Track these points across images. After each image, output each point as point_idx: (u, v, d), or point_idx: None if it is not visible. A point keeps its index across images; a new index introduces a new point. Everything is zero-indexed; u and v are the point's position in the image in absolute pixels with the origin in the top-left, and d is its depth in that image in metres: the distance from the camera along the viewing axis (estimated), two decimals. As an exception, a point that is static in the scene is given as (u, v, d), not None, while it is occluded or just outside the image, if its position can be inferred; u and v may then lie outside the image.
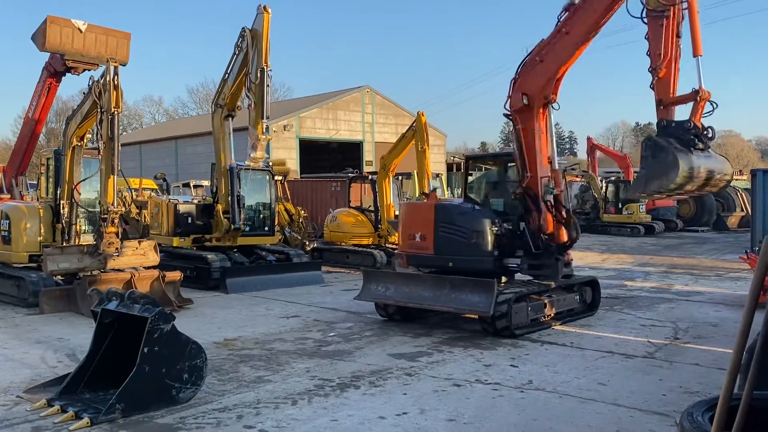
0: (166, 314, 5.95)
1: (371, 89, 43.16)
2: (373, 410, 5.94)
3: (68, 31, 13.34)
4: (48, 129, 57.90)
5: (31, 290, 11.17)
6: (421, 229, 9.98)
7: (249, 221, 14.82)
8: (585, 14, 8.60)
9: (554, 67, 9.04)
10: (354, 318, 10.48)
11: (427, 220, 9.91)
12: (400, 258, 10.48)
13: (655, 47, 8.11)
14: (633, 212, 28.98)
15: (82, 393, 6.16)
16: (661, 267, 17.48)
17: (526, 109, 9.27)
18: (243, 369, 7.37)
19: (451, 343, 8.71)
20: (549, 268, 9.49)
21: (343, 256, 17.87)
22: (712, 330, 9.50)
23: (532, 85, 9.19)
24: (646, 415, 5.82)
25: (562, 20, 8.86)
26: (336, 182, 24.80)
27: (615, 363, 7.65)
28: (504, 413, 5.87)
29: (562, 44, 8.88)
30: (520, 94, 9.21)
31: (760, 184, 13.24)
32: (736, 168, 53.40)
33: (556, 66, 9.04)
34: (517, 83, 9.33)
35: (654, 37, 8.14)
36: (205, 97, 67.99)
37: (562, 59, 9.00)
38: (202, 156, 36.97)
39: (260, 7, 12.70)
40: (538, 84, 9.17)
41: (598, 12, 8.51)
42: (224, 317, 10.63)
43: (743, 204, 32.65)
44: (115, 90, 10.20)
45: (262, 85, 12.14)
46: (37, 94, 16.26)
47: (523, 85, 9.26)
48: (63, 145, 11.97)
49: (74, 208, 11.88)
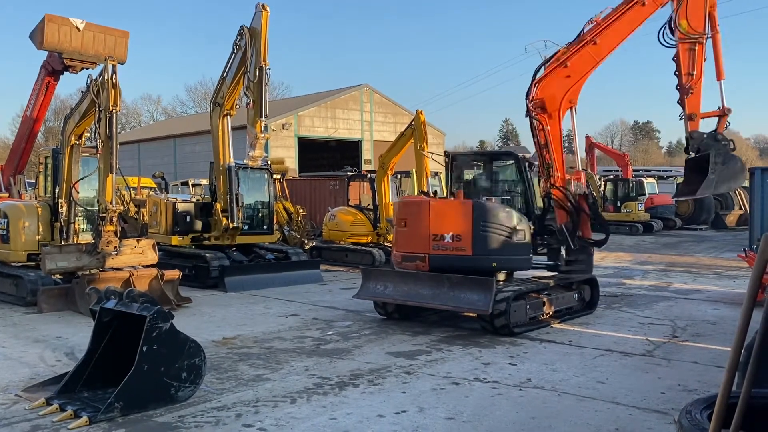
0: (164, 313, 5.94)
1: (370, 88, 43.15)
2: (371, 409, 5.94)
3: (66, 30, 13.31)
4: (46, 128, 57.86)
5: (29, 289, 11.16)
6: (453, 228, 9.33)
7: (248, 220, 14.79)
8: (620, 26, 9.43)
9: (579, 73, 9.66)
10: (353, 316, 10.48)
11: (464, 220, 9.40)
12: (418, 260, 9.58)
13: (687, 68, 9.29)
14: (632, 210, 29.03)
15: (80, 392, 6.16)
16: (659, 265, 17.50)
17: (553, 112, 9.79)
18: (242, 367, 7.37)
19: (450, 341, 8.71)
20: (583, 263, 10.26)
21: (341, 255, 17.88)
22: (711, 328, 9.52)
23: (558, 89, 9.72)
24: (644, 413, 5.83)
25: (589, 31, 9.52)
26: (335, 181, 24.80)
27: (614, 361, 7.66)
28: (503, 411, 5.88)
29: (589, 53, 9.64)
30: (547, 98, 9.70)
31: (759, 183, 13.21)
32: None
33: (581, 72, 9.67)
34: (543, 87, 9.76)
35: (684, 58, 9.29)
36: (204, 95, 67.94)
37: (587, 66, 9.68)
38: (200, 155, 36.96)
39: (259, 6, 12.68)
40: (564, 88, 9.74)
41: (632, 27, 9.52)
42: (223, 316, 10.63)
43: (741, 202, 32.66)
44: (113, 88, 10.18)
45: (260, 84, 12.12)
46: (35, 92, 16.22)
47: (549, 89, 9.72)
48: (61, 143, 11.96)
49: (73, 207, 11.86)
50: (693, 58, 9.27)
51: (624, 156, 34.18)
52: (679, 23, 9.15)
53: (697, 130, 9.39)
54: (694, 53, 9.27)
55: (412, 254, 9.63)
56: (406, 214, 9.86)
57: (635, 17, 9.46)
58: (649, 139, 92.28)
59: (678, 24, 9.18)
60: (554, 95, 9.73)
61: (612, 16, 9.51)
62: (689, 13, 9.18)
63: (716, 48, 9.33)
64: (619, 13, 9.48)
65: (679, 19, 9.14)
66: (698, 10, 9.19)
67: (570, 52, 9.63)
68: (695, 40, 9.25)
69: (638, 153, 78.32)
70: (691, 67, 9.29)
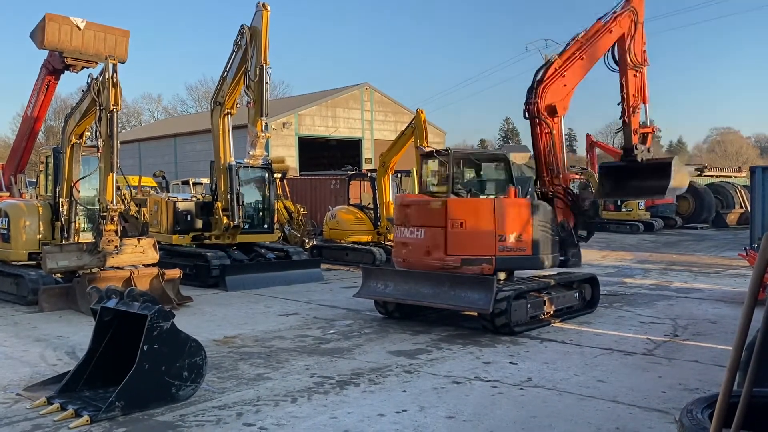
0: (165, 312, 5.94)
1: (370, 87, 43.16)
2: (372, 408, 5.94)
3: (67, 29, 13.32)
4: (47, 127, 57.88)
5: (30, 288, 11.17)
6: (516, 228, 9.39)
7: (248, 219, 14.80)
8: (596, 50, 10.83)
9: (573, 82, 10.67)
10: (353, 315, 10.48)
11: (525, 219, 9.50)
12: (484, 263, 9.28)
13: (633, 90, 11.07)
14: (632, 209, 29.01)
15: (81, 391, 6.16)
16: (660, 264, 17.50)
17: (559, 117, 10.50)
18: (243, 366, 7.37)
19: (451, 340, 8.71)
20: (576, 256, 10.76)
21: (342, 254, 17.88)
22: (712, 327, 9.51)
23: (560, 95, 10.50)
24: (645, 412, 5.83)
25: (575, 48, 10.61)
26: (335, 180, 24.80)
27: (614, 360, 7.66)
28: (503, 410, 5.88)
29: (578, 66, 10.67)
30: (556, 103, 10.40)
31: (759, 181, 13.23)
32: (735, 165, 53.45)
33: (575, 82, 10.70)
34: (551, 92, 10.41)
35: (632, 83, 11.08)
36: (204, 94, 67.96)
37: (578, 78, 10.78)
38: (201, 153, 36.99)
39: (259, 5, 12.67)
40: (563, 93, 10.55)
41: (605, 48, 10.99)
42: (224, 315, 10.63)
43: (742, 201, 32.67)
44: (114, 87, 10.17)
45: (261, 83, 12.11)
46: (35, 91, 16.22)
47: (557, 95, 10.46)
48: (62, 142, 11.95)
49: (73, 206, 11.86)
50: (637, 83, 11.15)
51: (625, 155, 34.10)
52: (629, 54, 11.00)
53: (637, 143, 11.17)
54: (637, 79, 11.17)
55: (475, 257, 9.28)
56: (464, 214, 9.44)
57: (606, 42, 10.95)
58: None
59: (629, 55, 11.00)
60: (560, 101, 10.49)
61: (590, 39, 10.74)
62: (635, 47, 11.06)
63: (644, 77, 11.29)
64: (594, 38, 10.78)
65: (629, 51, 11.00)
66: (640, 45, 11.15)
67: (564, 63, 10.53)
68: (638, 69, 11.16)
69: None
70: (636, 90, 11.12)
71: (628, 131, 11.24)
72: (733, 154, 77.55)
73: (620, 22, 10.92)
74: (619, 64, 11.20)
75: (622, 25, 10.93)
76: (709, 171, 40.62)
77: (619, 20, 10.91)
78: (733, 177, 40.65)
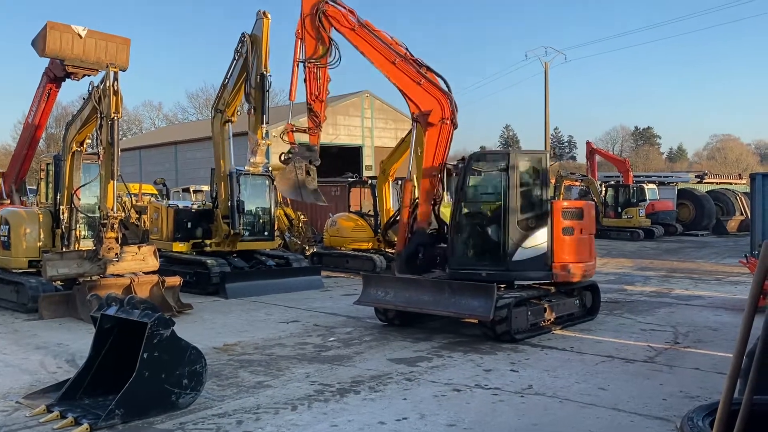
0: (165, 319, 5.94)
1: (371, 94, 43.24)
2: (373, 415, 5.93)
3: (68, 37, 13.33)
4: (48, 134, 57.91)
5: (30, 296, 11.16)
6: (592, 231, 9.91)
7: (248, 226, 14.81)
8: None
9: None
10: (354, 323, 10.47)
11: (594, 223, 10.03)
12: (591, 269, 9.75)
13: (313, 88, 11.54)
14: (633, 216, 29.02)
15: (81, 399, 6.14)
16: (660, 271, 17.48)
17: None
18: (243, 374, 7.36)
19: (451, 347, 8.70)
20: None
21: (342, 261, 17.86)
22: (712, 334, 9.50)
23: None
24: (646, 419, 5.81)
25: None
26: (336, 187, 24.80)
27: (615, 367, 7.64)
28: (504, 418, 5.87)
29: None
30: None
31: (759, 188, 13.24)
32: (735, 172, 53.44)
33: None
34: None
35: (311, 80, 11.47)
36: (205, 102, 68.08)
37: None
38: (201, 161, 37.02)
39: (260, 13, 12.73)
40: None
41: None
42: (224, 322, 10.62)
43: (743, 208, 32.68)
44: (114, 95, 10.19)
45: (261, 90, 12.16)
46: (36, 99, 16.24)
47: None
48: (63, 150, 11.97)
49: (74, 214, 11.87)
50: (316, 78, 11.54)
51: (625, 162, 34.20)
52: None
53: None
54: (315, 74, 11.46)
55: (588, 263, 9.72)
56: (573, 220, 9.43)
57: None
58: (649, 144, 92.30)
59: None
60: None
61: None
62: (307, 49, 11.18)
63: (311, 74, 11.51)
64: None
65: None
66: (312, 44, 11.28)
67: None
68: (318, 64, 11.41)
69: (639, 159, 78.39)
70: (314, 89, 11.59)
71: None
72: (734, 161, 77.57)
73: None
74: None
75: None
76: (709, 178, 40.68)
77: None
78: (733, 184, 40.71)
